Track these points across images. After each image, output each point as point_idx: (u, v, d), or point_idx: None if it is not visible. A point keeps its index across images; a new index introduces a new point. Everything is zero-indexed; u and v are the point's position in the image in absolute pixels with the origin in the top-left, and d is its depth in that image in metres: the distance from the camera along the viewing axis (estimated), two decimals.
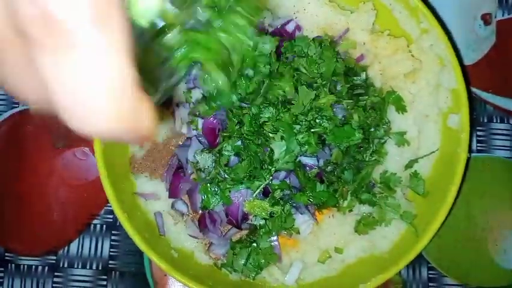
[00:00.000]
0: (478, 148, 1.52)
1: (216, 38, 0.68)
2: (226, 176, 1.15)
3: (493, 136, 1.52)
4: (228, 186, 1.14)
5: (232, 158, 1.18)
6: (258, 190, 1.16)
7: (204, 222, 1.24)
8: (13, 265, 1.45)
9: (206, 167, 1.19)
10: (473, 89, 1.53)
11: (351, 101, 1.22)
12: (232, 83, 0.76)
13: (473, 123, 1.52)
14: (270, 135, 1.15)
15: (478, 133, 1.52)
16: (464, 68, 1.52)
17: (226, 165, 1.17)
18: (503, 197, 1.49)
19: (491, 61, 1.55)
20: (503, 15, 1.56)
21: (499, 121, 1.53)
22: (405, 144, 1.27)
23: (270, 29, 1.29)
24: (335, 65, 1.21)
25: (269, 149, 1.16)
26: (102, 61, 0.33)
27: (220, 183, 1.16)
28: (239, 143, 1.16)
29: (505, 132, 1.53)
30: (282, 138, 1.14)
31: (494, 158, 1.51)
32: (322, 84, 1.20)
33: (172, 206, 1.28)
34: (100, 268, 1.45)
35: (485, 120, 1.53)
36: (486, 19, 1.56)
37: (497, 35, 1.55)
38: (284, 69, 1.19)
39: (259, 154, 1.15)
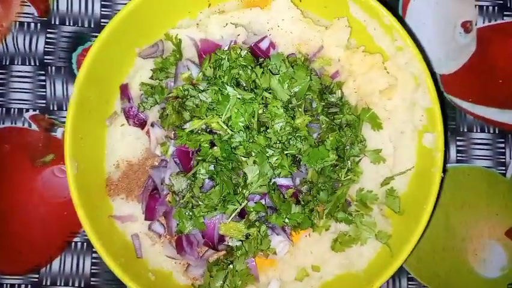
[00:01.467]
0: (458, 158, 1.51)
1: None
2: (200, 202, 1.14)
3: (473, 146, 1.52)
4: (202, 213, 1.14)
5: (207, 181, 1.18)
6: (233, 215, 1.16)
7: (181, 245, 1.24)
8: None
9: (181, 190, 1.19)
10: (453, 98, 1.52)
11: (326, 119, 1.21)
12: None
13: (453, 133, 1.51)
14: (243, 159, 1.14)
15: (458, 143, 1.52)
16: (437, 83, 1.50)
17: (201, 187, 1.17)
18: (483, 207, 1.50)
19: (472, 69, 1.53)
20: (483, 23, 1.54)
21: (479, 130, 1.52)
22: (381, 162, 1.27)
23: (244, 47, 1.27)
24: (310, 83, 1.20)
25: (243, 172, 1.16)
26: None
27: (194, 209, 1.16)
28: (212, 167, 1.15)
29: (485, 141, 1.52)
30: (254, 162, 1.13)
31: (474, 168, 1.51)
32: (297, 104, 1.20)
33: (149, 228, 1.28)
34: (83, 285, 1.45)
35: (465, 130, 1.52)
36: (466, 27, 1.53)
37: (478, 43, 1.53)
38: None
39: (232, 178, 1.15)
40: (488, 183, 1.50)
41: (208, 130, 1.18)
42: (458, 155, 1.51)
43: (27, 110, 1.50)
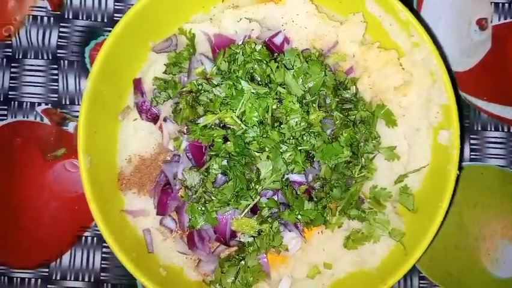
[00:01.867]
0: (472, 157, 1.49)
1: None
2: (213, 197, 1.13)
3: (487, 144, 1.50)
4: (214, 208, 1.13)
5: (220, 176, 1.17)
6: (246, 210, 1.15)
7: (193, 240, 1.23)
8: (6, 278, 1.46)
9: (193, 185, 1.18)
10: (467, 96, 1.50)
11: (340, 115, 1.20)
12: None
13: (467, 131, 1.49)
14: (256, 154, 1.13)
15: (472, 141, 1.50)
16: (454, 81, 1.48)
17: (213, 182, 1.16)
18: (496, 206, 1.48)
19: (487, 67, 1.51)
20: (499, 20, 1.52)
21: (493, 129, 1.50)
22: (395, 159, 1.26)
23: (259, 41, 1.26)
24: (324, 78, 1.19)
25: (256, 167, 1.15)
26: None
27: (206, 204, 1.15)
28: (225, 162, 1.15)
29: (499, 140, 1.50)
30: (268, 157, 1.12)
31: (488, 167, 1.49)
32: (311, 100, 1.19)
33: (161, 223, 1.28)
34: (92, 280, 1.45)
35: (479, 128, 1.50)
36: (482, 24, 1.52)
37: (493, 41, 1.51)
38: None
39: (245, 174, 1.14)
40: (502, 182, 1.48)
41: (221, 125, 1.17)
42: (471, 153, 1.50)
43: (39, 104, 1.50)
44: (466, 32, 1.52)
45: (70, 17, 1.50)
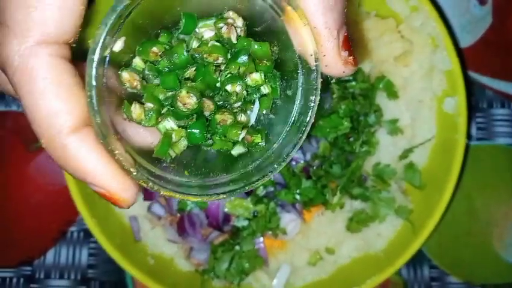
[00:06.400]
0: (478, 136, 1.41)
1: None
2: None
3: (494, 122, 1.42)
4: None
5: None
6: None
7: (183, 226, 1.14)
8: None
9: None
10: (471, 73, 1.43)
11: (338, 87, 1.12)
12: None
13: (473, 109, 1.42)
14: None
15: (478, 120, 1.42)
16: (459, 50, 1.42)
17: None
18: (507, 188, 1.39)
19: (488, 43, 1.45)
20: None
21: (499, 106, 1.43)
22: (398, 133, 1.18)
23: None
24: None
25: None
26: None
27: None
28: None
29: (506, 118, 1.42)
30: None
31: (496, 146, 1.41)
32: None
33: (149, 209, 1.19)
34: (79, 278, 1.35)
35: (485, 106, 1.43)
36: None
37: (494, 15, 1.45)
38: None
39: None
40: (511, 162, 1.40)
41: None
42: (478, 132, 1.42)
43: None
44: (465, 7, 1.46)
45: None
